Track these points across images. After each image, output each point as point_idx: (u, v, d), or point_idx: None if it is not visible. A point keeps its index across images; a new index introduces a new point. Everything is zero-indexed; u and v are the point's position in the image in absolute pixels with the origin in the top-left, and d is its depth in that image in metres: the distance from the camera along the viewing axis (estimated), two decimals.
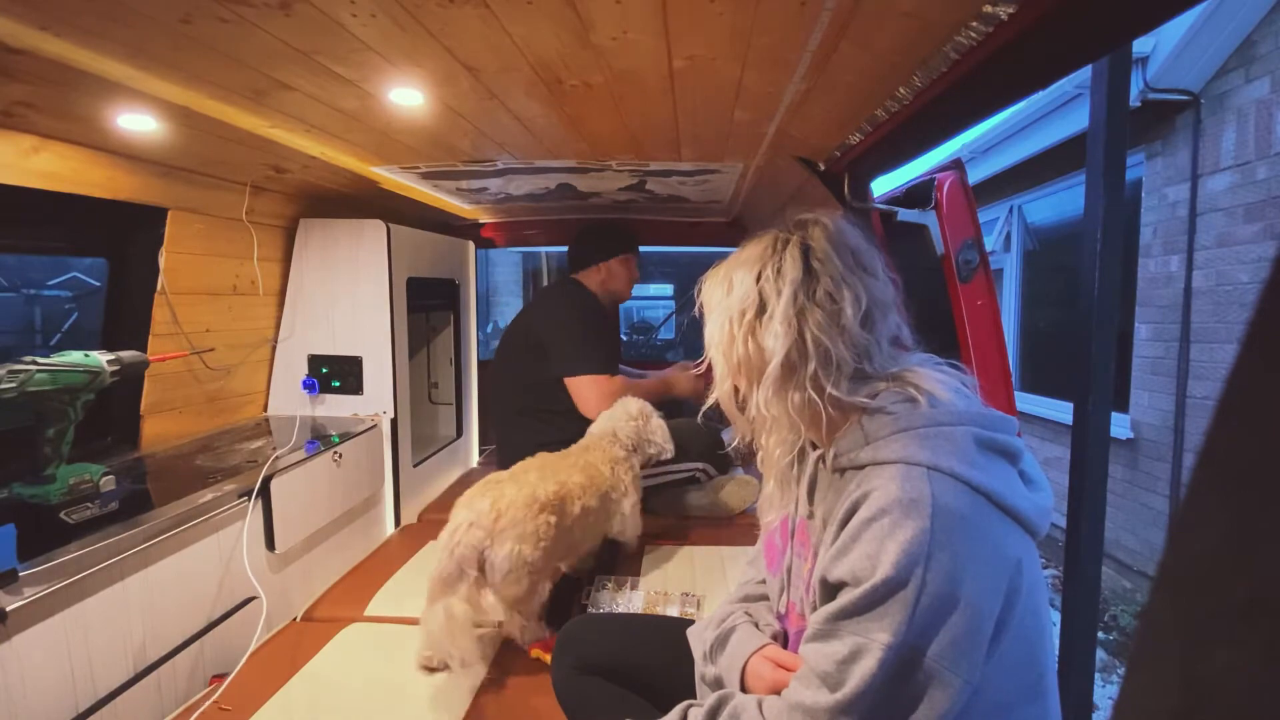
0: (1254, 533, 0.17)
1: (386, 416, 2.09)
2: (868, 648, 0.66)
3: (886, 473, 0.70)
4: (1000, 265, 5.41)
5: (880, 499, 0.68)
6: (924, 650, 0.65)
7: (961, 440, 0.71)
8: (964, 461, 0.69)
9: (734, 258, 0.85)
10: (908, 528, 0.65)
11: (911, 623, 0.64)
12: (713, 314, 0.84)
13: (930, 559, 0.64)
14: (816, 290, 0.78)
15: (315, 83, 1.14)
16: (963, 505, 0.67)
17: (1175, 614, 0.20)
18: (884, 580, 0.65)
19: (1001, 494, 0.69)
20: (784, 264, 0.80)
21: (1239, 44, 3.18)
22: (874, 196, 1.51)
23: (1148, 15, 0.66)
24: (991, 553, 0.67)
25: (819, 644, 0.70)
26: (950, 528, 0.65)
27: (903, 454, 0.71)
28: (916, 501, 0.66)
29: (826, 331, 0.76)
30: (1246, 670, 0.17)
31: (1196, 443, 2.22)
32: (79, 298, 8.55)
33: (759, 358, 0.79)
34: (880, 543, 0.66)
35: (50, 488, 1.26)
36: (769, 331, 0.77)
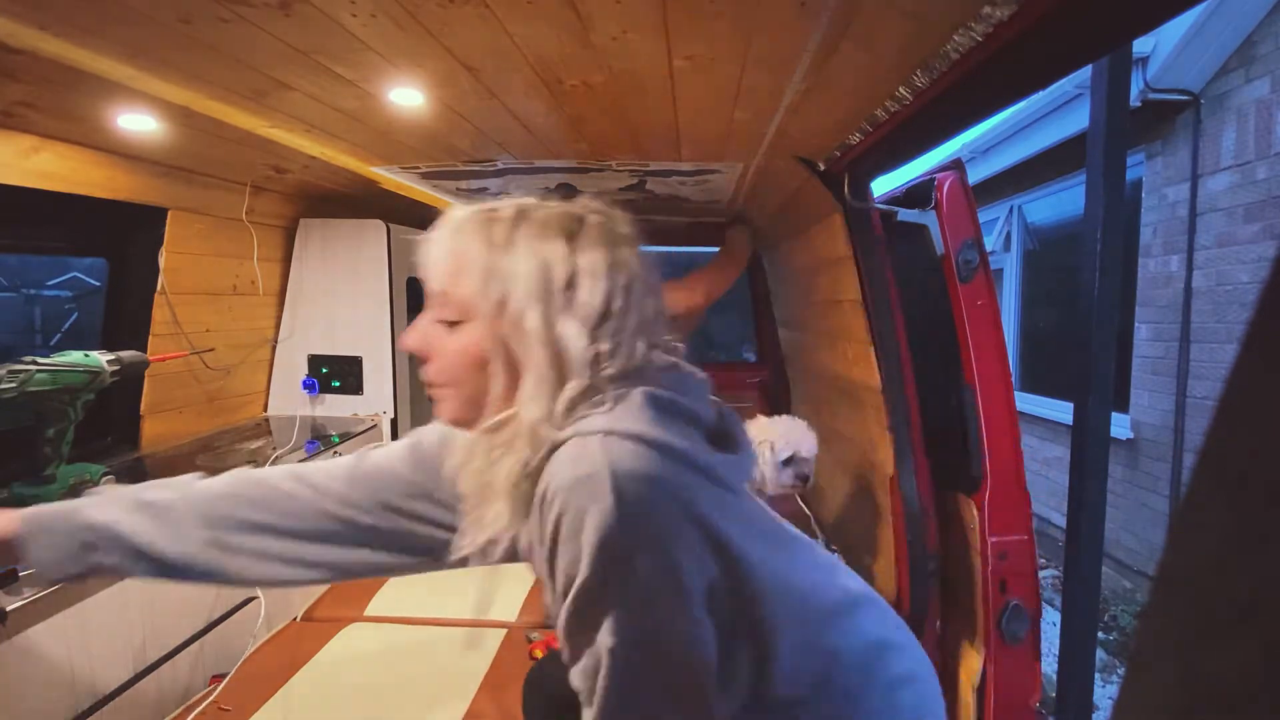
0: (1254, 533, 0.17)
1: (386, 416, 2.09)
2: (598, 653, 0.60)
3: (559, 459, 0.60)
4: (1000, 265, 5.41)
5: (557, 492, 0.59)
6: (655, 635, 0.60)
7: (635, 400, 0.63)
8: (642, 421, 0.61)
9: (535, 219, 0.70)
10: (592, 512, 0.57)
11: (632, 612, 0.59)
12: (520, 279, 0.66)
13: (627, 538, 0.57)
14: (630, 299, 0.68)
15: (315, 83, 1.14)
16: (644, 466, 0.59)
17: (1175, 614, 0.20)
18: (584, 583, 0.58)
19: (684, 449, 0.62)
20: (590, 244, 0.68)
21: (1239, 44, 3.18)
22: (874, 196, 1.51)
23: (1148, 15, 0.66)
24: (683, 515, 0.60)
25: (572, 665, 0.64)
26: (638, 494, 0.58)
27: (578, 427, 0.61)
28: (593, 476, 0.57)
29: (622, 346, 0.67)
30: (1246, 670, 0.17)
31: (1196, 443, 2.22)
32: (79, 298, 8.55)
33: (554, 352, 0.65)
34: (575, 541, 0.58)
35: (50, 488, 1.26)
36: (576, 328, 0.65)
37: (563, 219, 0.69)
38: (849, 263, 1.52)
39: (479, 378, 0.68)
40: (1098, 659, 2.82)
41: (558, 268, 0.65)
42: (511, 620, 1.57)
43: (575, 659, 0.63)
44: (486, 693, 1.30)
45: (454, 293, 0.68)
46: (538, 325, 0.64)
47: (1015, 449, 1.39)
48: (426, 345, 0.70)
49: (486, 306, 0.66)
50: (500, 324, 0.66)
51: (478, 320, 0.67)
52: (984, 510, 1.36)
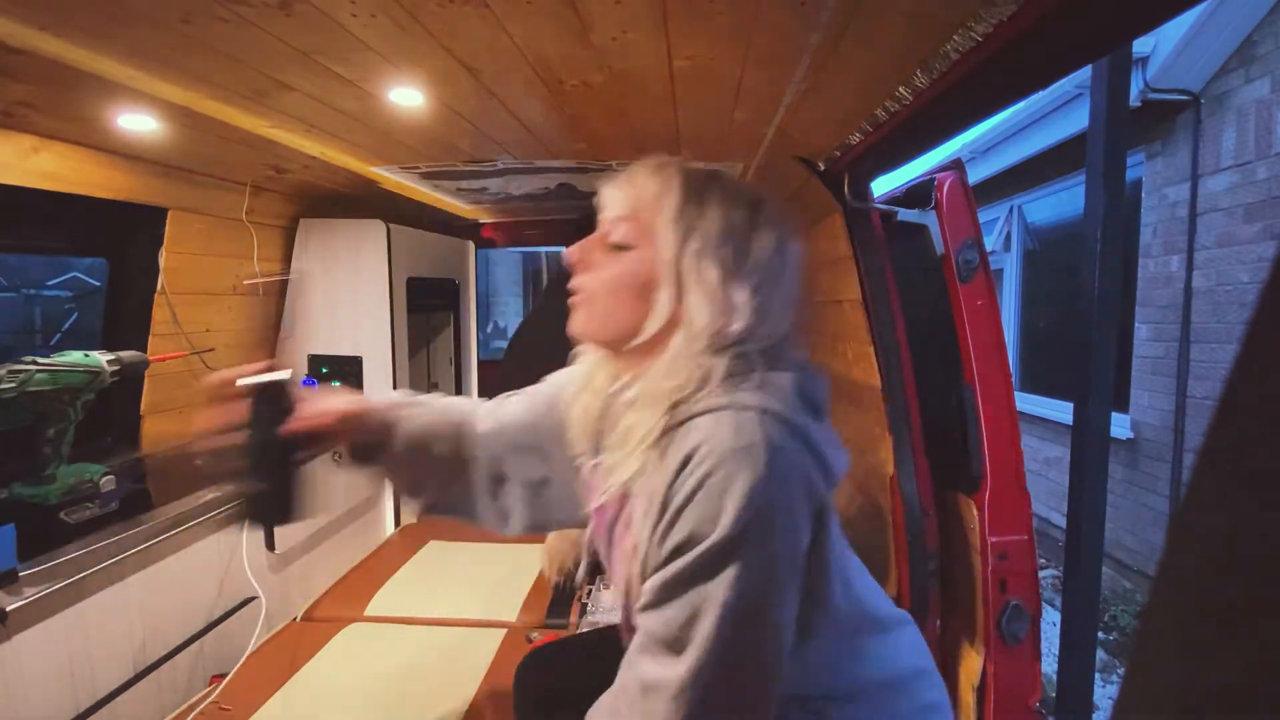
0: (1254, 533, 0.17)
1: None
2: (705, 605, 0.63)
3: (715, 421, 0.66)
4: (1000, 265, 5.41)
5: (713, 452, 0.64)
6: (762, 602, 0.64)
7: (787, 385, 0.69)
8: (787, 404, 0.67)
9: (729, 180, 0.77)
10: (746, 478, 0.63)
11: (752, 574, 0.63)
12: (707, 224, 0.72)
13: (766, 507, 0.63)
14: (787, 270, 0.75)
15: (315, 83, 1.14)
16: (793, 449, 0.65)
17: (1175, 614, 0.20)
18: (725, 536, 0.63)
19: (816, 437, 0.68)
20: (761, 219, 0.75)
21: (1239, 44, 3.18)
22: (874, 196, 1.51)
23: (1148, 15, 0.66)
24: (806, 497, 0.67)
25: (654, 612, 0.67)
26: (783, 476, 0.64)
27: (731, 399, 0.67)
28: (752, 448, 0.63)
29: (772, 315, 0.73)
30: (1246, 670, 0.17)
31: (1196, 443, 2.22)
32: (79, 298, 8.55)
33: (725, 297, 0.70)
34: (719, 498, 0.63)
35: (50, 488, 1.26)
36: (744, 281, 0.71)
37: (751, 192, 0.75)
38: (849, 263, 1.52)
39: (623, 301, 0.74)
40: (1098, 659, 2.82)
41: (740, 231, 0.71)
42: (511, 620, 1.58)
43: (660, 605, 0.66)
44: (486, 693, 1.30)
45: (635, 220, 0.73)
46: (713, 273, 0.70)
47: (1015, 449, 1.39)
48: (586, 257, 0.76)
49: (667, 241, 0.71)
50: (672, 261, 0.71)
51: (646, 251, 0.72)
52: (984, 510, 1.36)
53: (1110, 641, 3.36)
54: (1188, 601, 0.19)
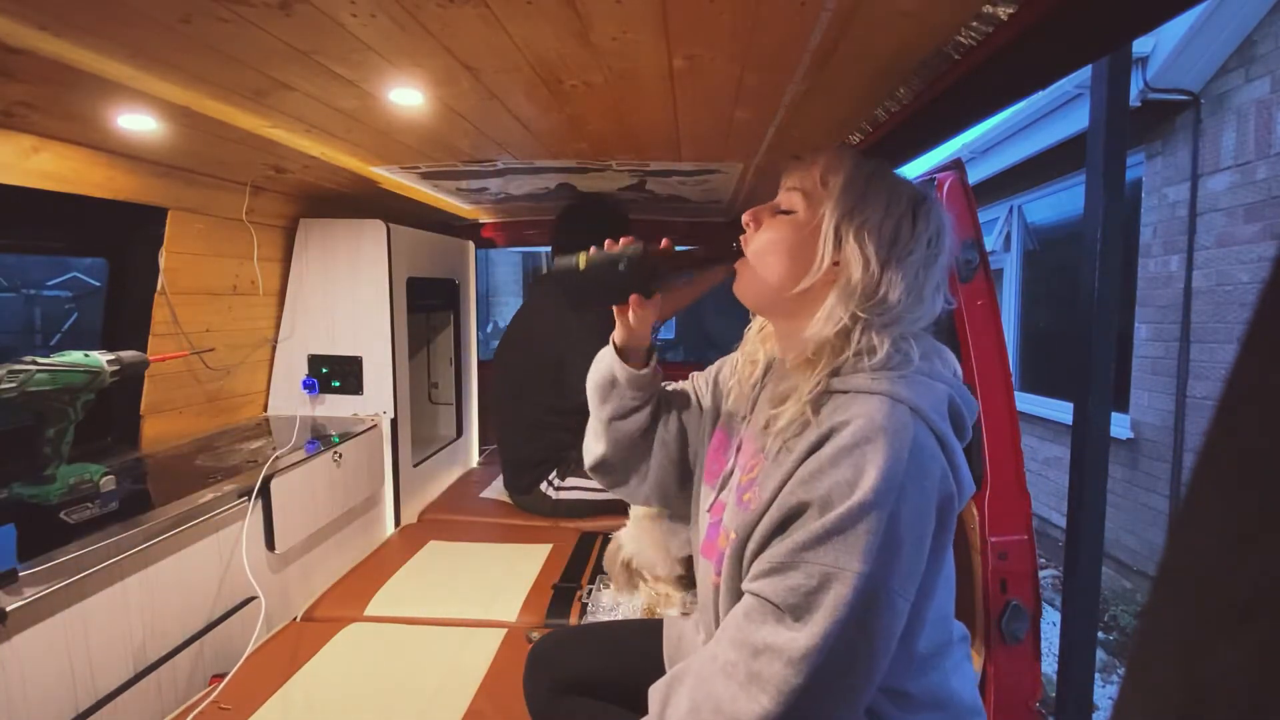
0: (1254, 533, 0.17)
1: (386, 416, 2.09)
2: (836, 575, 0.65)
3: (871, 402, 0.71)
4: (1000, 265, 5.41)
5: (864, 426, 0.68)
6: (889, 578, 0.66)
7: (941, 395, 0.74)
8: (938, 414, 0.72)
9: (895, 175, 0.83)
10: (889, 456, 0.66)
11: (883, 549, 0.65)
12: (873, 208, 0.77)
13: (905, 489, 0.66)
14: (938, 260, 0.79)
15: (315, 83, 1.14)
16: (931, 448, 0.69)
17: (1175, 614, 0.20)
18: (860, 504, 0.65)
19: (955, 450, 0.72)
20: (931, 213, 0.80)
21: (1239, 44, 3.18)
22: None
23: (1148, 15, 0.66)
24: (936, 495, 0.69)
25: (775, 578, 0.68)
26: (921, 465, 0.68)
27: (891, 389, 0.71)
28: (900, 433, 0.68)
29: (924, 301, 0.78)
30: (1246, 670, 0.17)
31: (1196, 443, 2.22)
32: (79, 298, 8.56)
33: (880, 272, 0.76)
34: (860, 468, 0.66)
35: (50, 488, 1.26)
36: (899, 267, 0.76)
37: (917, 189, 0.80)
38: None
39: (788, 263, 0.80)
40: (1098, 659, 2.82)
41: (900, 216, 0.77)
42: (511, 620, 1.57)
43: (784, 571, 0.67)
44: (486, 693, 1.30)
45: (806, 191, 0.80)
46: (871, 247, 0.75)
47: (1015, 449, 1.39)
48: (757, 217, 0.84)
49: (831, 209, 0.77)
50: (834, 226, 0.77)
51: (812, 216, 0.79)
52: (984, 510, 1.36)
53: (1110, 641, 3.36)
54: (1188, 601, 0.19)
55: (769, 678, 0.65)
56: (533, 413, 2.14)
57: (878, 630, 0.66)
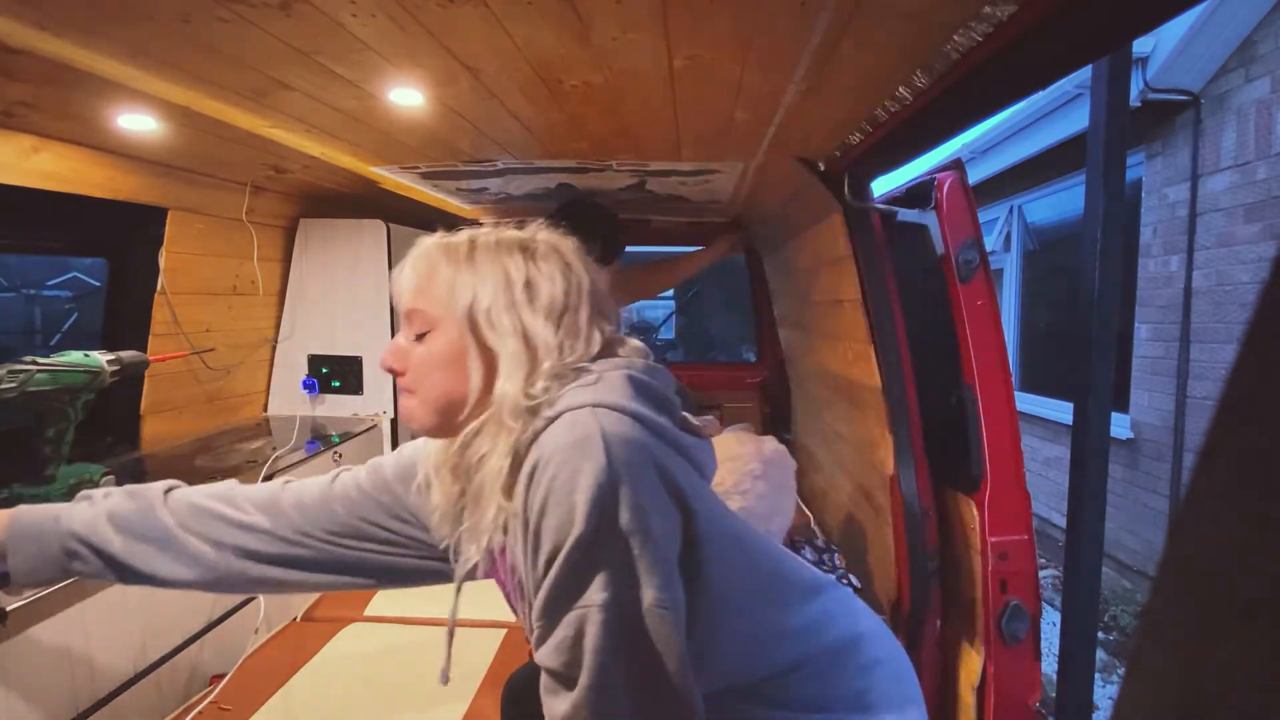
0: (1254, 533, 0.17)
1: (386, 416, 2.09)
2: (586, 616, 0.61)
3: (556, 427, 0.65)
4: (1000, 265, 5.41)
5: (549, 454, 0.63)
6: (641, 596, 0.61)
7: (617, 380, 0.68)
8: (624, 396, 0.66)
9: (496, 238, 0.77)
10: (585, 470, 0.60)
11: (618, 568, 0.61)
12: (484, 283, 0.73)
13: (616, 495, 0.60)
14: (581, 303, 0.75)
15: (315, 83, 1.14)
16: (630, 432, 0.64)
17: (1175, 614, 0.20)
18: (578, 537, 0.60)
19: (663, 425, 0.67)
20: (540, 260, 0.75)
21: (1239, 44, 3.18)
22: (874, 196, 1.51)
23: (1148, 15, 0.66)
24: (659, 477, 0.64)
25: (545, 644, 0.64)
26: (625, 457, 0.62)
27: (568, 403, 0.66)
28: (587, 439, 0.62)
29: (579, 341, 0.73)
30: (1247, 670, 0.17)
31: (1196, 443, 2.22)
32: (79, 298, 8.56)
33: (524, 342, 0.72)
34: (566, 497, 0.61)
35: (50, 488, 1.26)
36: (542, 322, 0.72)
37: (516, 239, 0.76)
38: (849, 263, 1.52)
39: (447, 377, 0.73)
40: (1098, 659, 2.82)
41: (517, 273, 0.73)
42: (511, 620, 1.57)
43: (548, 634, 0.63)
44: (486, 693, 1.30)
45: (423, 307, 0.74)
46: (506, 320, 0.71)
47: (1015, 449, 1.39)
48: (400, 358, 0.76)
49: (457, 311, 0.72)
50: (471, 325, 0.72)
51: (447, 326, 0.73)
52: (984, 510, 1.36)
53: (1110, 641, 3.36)
54: (1188, 601, 0.19)
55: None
56: None
57: (654, 649, 0.62)
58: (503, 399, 0.69)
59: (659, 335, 6.89)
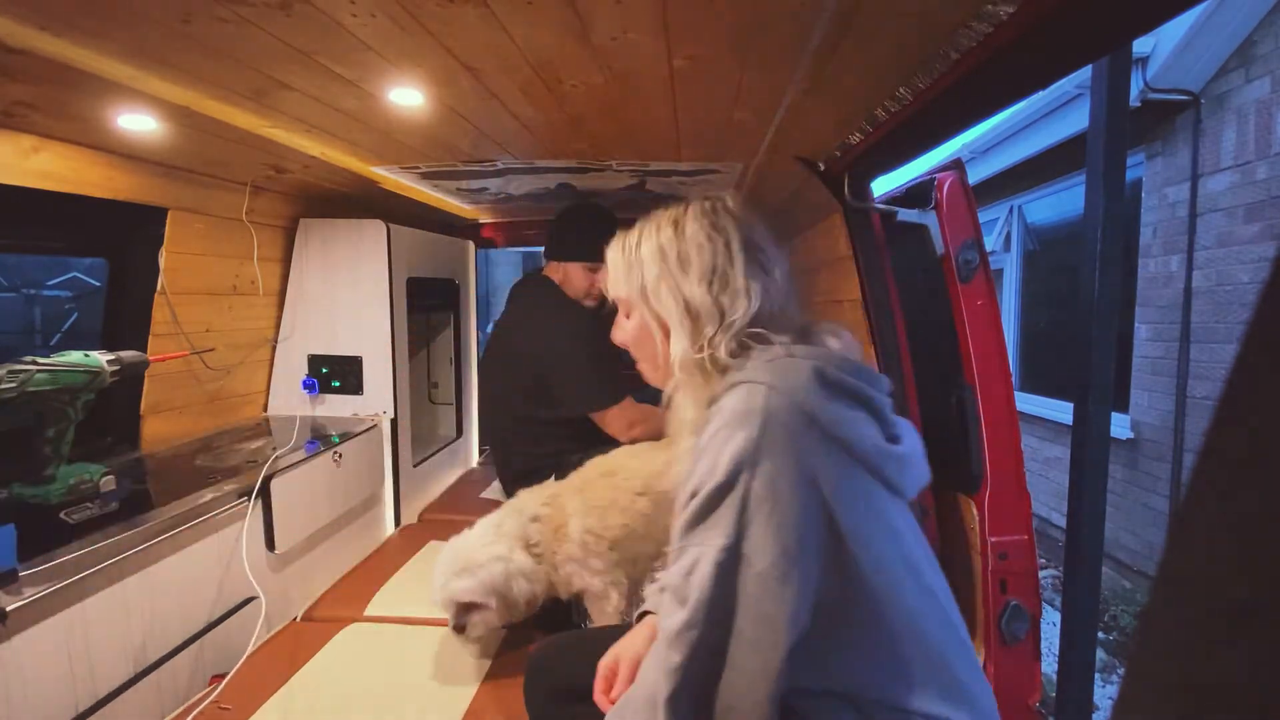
0: (1254, 533, 0.17)
1: (386, 416, 2.09)
2: (703, 553, 0.69)
3: (733, 392, 0.75)
4: (1000, 265, 5.41)
5: (722, 414, 0.73)
6: (752, 556, 0.68)
7: (803, 370, 0.75)
8: (801, 388, 0.73)
9: (654, 220, 0.91)
10: (739, 436, 0.70)
11: (739, 523, 0.68)
12: (647, 264, 0.87)
13: (756, 464, 0.69)
14: (734, 260, 0.84)
15: (315, 83, 1.14)
16: (792, 422, 0.70)
17: (1175, 614, 0.20)
18: (716, 485, 0.69)
19: (832, 424, 0.72)
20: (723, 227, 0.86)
21: (1239, 44, 3.18)
22: (874, 196, 1.51)
23: (1148, 15, 0.66)
24: (809, 477, 0.70)
25: (674, 565, 0.74)
26: (777, 439, 0.69)
27: (748, 376, 0.75)
28: (750, 412, 0.71)
29: (739, 298, 0.82)
30: (1246, 670, 0.17)
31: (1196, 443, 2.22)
32: (79, 298, 8.56)
33: (685, 308, 0.84)
34: (718, 452, 0.71)
35: (50, 488, 1.26)
36: (696, 290, 0.83)
37: (669, 213, 0.90)
38: (849, 263, 1.52)
39: (644, 346, 0.91)
40: (1098, 659, 2.82)
41: (670, 247, 0.86)
42: None
43: (675, 558, 0.73)
44: (486, 692, 1.30)
45: (618, 294, 0.92)
46: (665, 291, 0.85)
47: (1015, 449, 1.39)
48: (622, 334, 0.96)
49: (635, 293, 0.89)
50: (645, 302, 0.88)
51: (636, 306, 0.90)
52: (984, 510, 1.36)
53: (1110, 641, 3.36)
54: (1188, 601, 0.19)
55: (659, 661, 0.71)
56: (519, 426, 2.11)
57: (751, 603, 0.68)
58: (674, 359, 0.83)
59: None
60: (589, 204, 2.23)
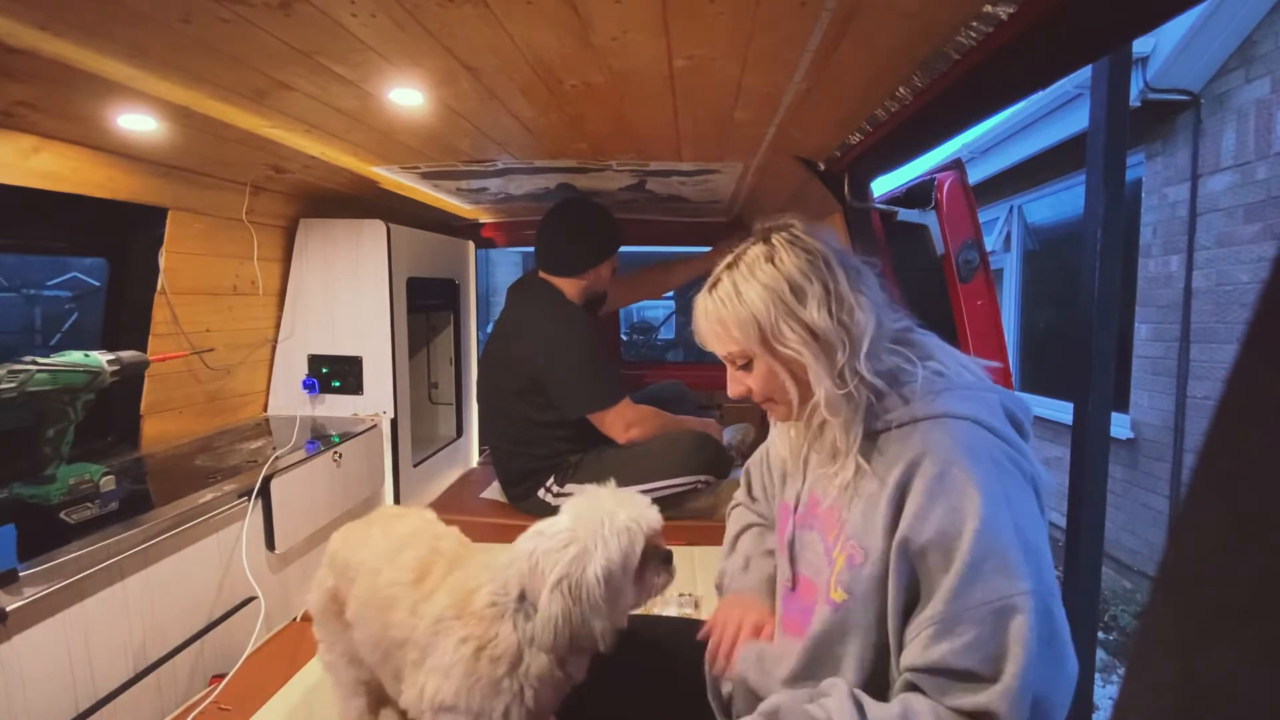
0: (1254, 533, 0.17)
1: (386, 416, 2.09)
2: (1012, 604, 0.61)
3: (936, 428, 0.71)
4: (1000, 265, 5.41)
5: (940, 454, 0.68)
6: (1049, 584, 0.64)
7: (994, 404, 0.74)
8: (998, 419, 0.72)
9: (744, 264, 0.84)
10: (978, 474, 0.66)
11: (1029, 560, 0.63)
12: (758, 308, 0.81)
13: (1010, 498, 0.65)
14: (838, 277, 0.80)
15: (315, 83, 1.14)
16: (1004, 454, 0.69)
17: (1175, 614, 0.20)
18: (981, 529, 0.63)
19: (1025, 463, 0.71)
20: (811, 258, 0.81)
21: (1239, 44, 3.18)
22: (874, 196, 1.51)
23: (1148, 15, 0.66)
24: (1036, 503, 0.70)
25: (945, 643, 0.64)
26: (1006, 471, 0.68)
27: (947, 409, 0.72)
28: (976, 450, 0.68)
29: (857, 313, 0.79)
30: (1246, 670, 0.17)
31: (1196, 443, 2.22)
32: (79, 298, 8.55)
33: (814, 341, 0.79)
34: (960, 494, 0.65)
35: (50, 488, 1.26)
36: (817, 317, 0.79)
37: (759, 254, 0.83)
38: None
39: (781, 390, 0.83)
40: (1098, 659, 2.82)
41: (777, 284, 0.80)
42: None
43: (951, 627, 0.64)
44: None
45: (731, 349, 0.84)
46: (788, 331, 0.79)
47: None
48: (743, 387, 0.87)
49: (754, 345, 0.81)
50: (767, 349, 0.81)
51: (756, 354, 0.83)
52: None
53: (1110, 641, 3.36)
54: (1188, 601, 0.19)
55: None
56: (518, 427, 2.11)
57: (1062, 639, 0.64)
58: (822, 397, 0.77)
59: (659, 335, 6.89)
60: (582, 201, 2.21)
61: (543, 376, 1.99)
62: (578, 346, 1.99)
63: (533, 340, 2.02)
